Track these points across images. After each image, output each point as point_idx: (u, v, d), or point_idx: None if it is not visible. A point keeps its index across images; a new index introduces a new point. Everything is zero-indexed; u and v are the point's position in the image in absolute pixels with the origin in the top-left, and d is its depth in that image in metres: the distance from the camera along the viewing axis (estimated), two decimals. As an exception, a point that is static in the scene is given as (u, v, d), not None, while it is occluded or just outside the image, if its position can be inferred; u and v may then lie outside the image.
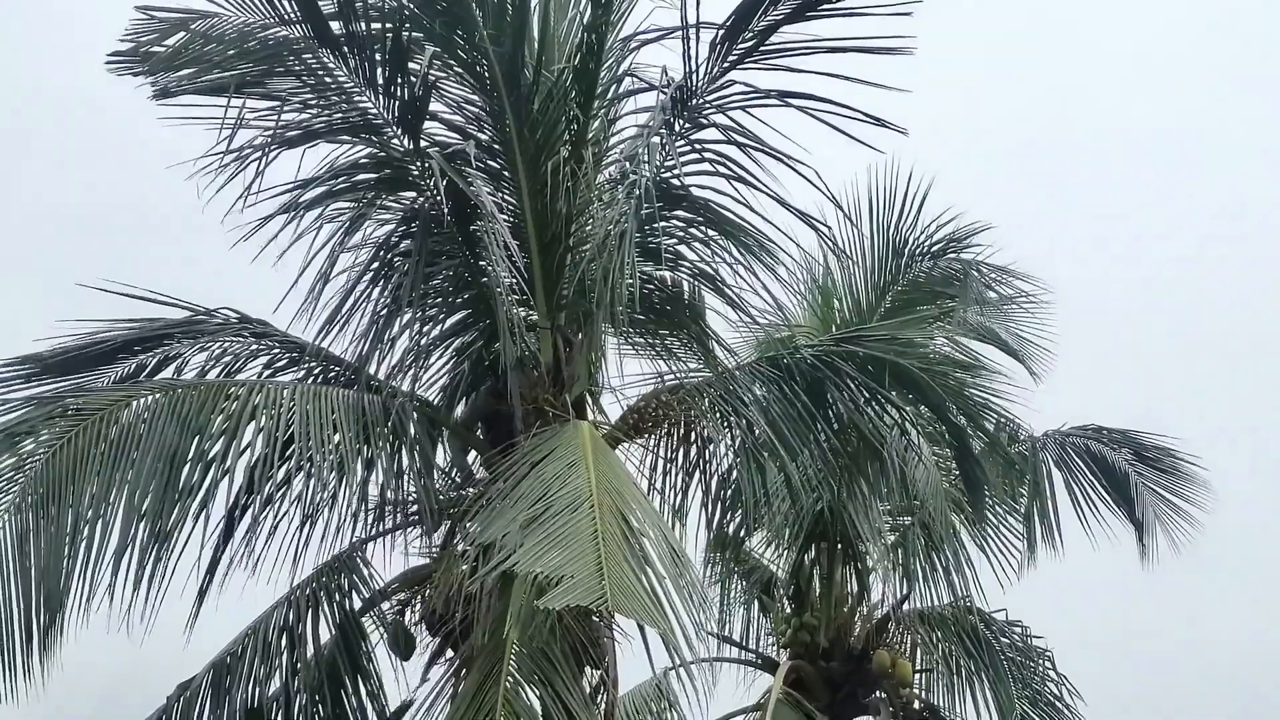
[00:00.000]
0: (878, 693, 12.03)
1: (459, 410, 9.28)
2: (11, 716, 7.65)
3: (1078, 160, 26.33)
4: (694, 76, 8.60)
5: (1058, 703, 12.06)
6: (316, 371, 9.14)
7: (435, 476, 8.88)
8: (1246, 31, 24.64)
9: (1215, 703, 22.06)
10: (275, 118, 8.61)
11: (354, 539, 8.74)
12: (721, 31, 8.40)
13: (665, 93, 8.75)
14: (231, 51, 8.51)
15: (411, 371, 9.04)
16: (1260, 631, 21.91)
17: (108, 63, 8.80)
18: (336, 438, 8.13)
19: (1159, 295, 25.28)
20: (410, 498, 8.71)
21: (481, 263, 8.93)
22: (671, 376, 9.70)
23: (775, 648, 12.67)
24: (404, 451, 8.60)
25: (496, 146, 9.05)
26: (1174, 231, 25.80)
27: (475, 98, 9.04)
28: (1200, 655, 22.80)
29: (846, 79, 8.20)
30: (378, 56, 8.42)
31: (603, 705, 8.53)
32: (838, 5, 8.33)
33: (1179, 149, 26.33)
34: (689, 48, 8.48)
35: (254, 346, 9.13)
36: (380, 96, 8.60)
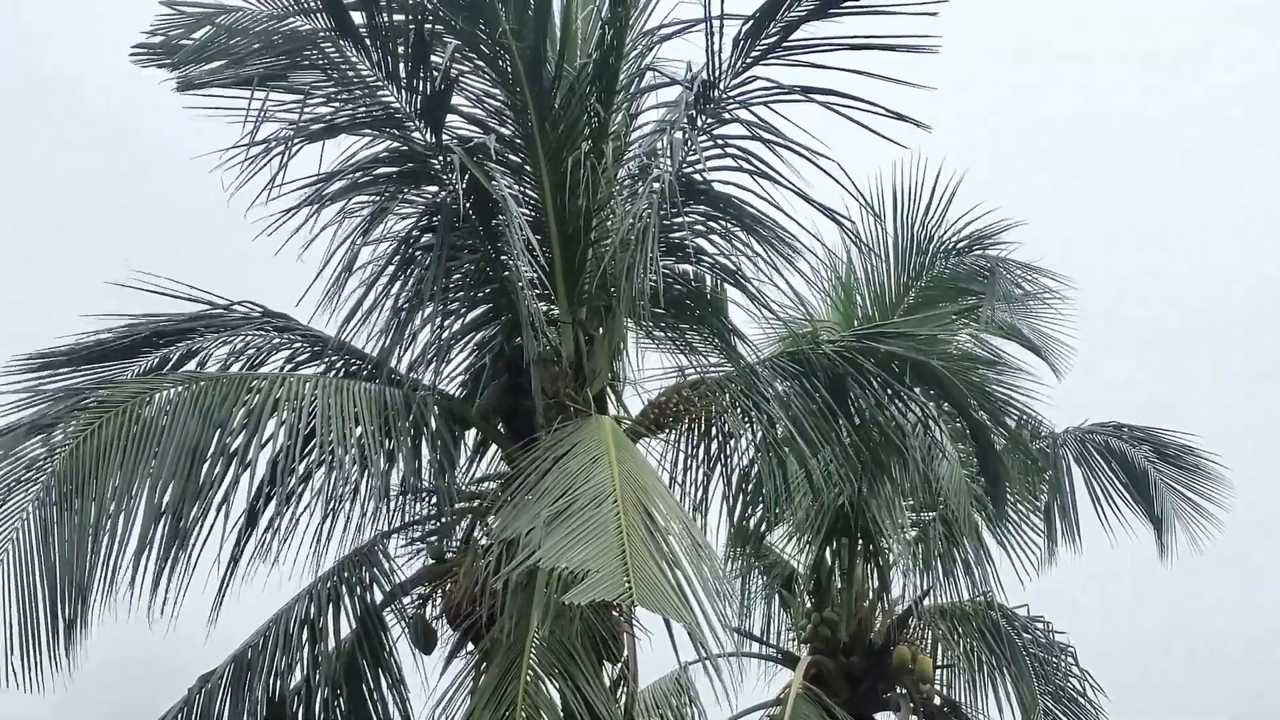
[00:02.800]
0: (898, 688, 12.00)
1: (480, 404, 9.28)
2: (32, 706, 7.70)
3: (1100, 154, 26.29)
4: (716, 71, 8.59)
5: (1080, 699, 12.02)
6: (338, 365, 9.17)
7: (456, 471, 8.90)
8: (1271, 20, 24.53)
9: (1237, 695, 22.07)
10: (298, 111, 8.63)
11: (376, 533, 8.77)
12: (745, 27, 8.39)
13: (687, 87, 8.75)
14: (256, 45, 8.52)
15: (433, 365, 9.05)
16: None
17: (132, 56, 8.82)
18: (358, 431, 8.14)
19: (1182, 289, 25.24)
20: (432, 491, 8.73)
21: (503, 257, 8.93)
22: (692, 371, 9.70)
23: (795, 643, 12.66)
24: (425, 445, 8.61)
25: (518, 141, 9.04)
26: (1197, 225, 25.77)
27: (497, 92, 9.04)
28: (1221, 648, 22.78)
29: (870, 75, 8.19)
30: (400, 50, 8.42)
31: (623, 699, 8.54)
32: (862, 3, 8.32)
33: (1202, 141, 26.28)
34: (712, 42, 8.47)
35: (276, 340, 9.16)
36: (402, 90, 8.61)
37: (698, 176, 9.01)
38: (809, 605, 12.51)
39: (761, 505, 10.31)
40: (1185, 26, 25.68)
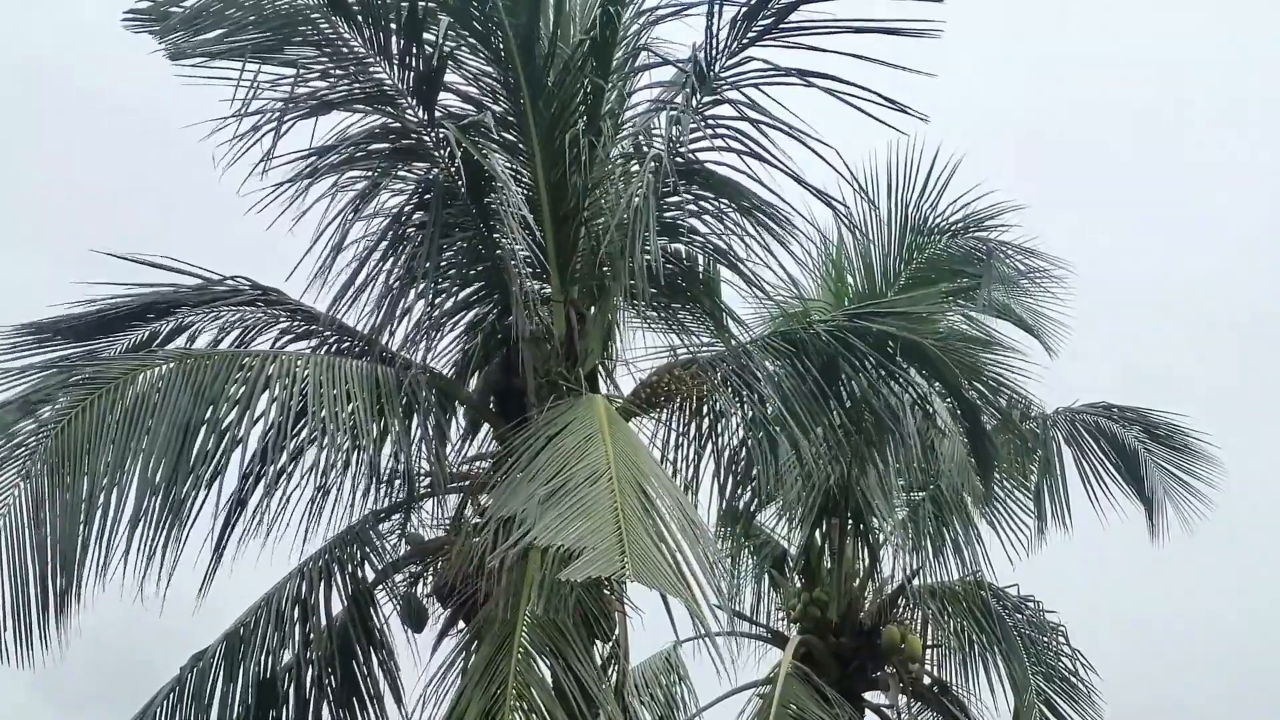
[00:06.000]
0: (888, 668, 12.03)
1: (472, 383, 9.26)
2: (24, 683, 7.68)
3: (1091, 134, 26.32)
4: (713, 52, 8.56)
5: (1072, 677, 12.06)
6: (331, 341, 9.13)
7: (448, 449, 8.89)
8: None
9: (1224, 674, 22.21)
10: (290, 86, 8.57)
11: (367, 510, 8.74)
12: (742, 8, 8.36)
13: (682, 68, 8.72)
14: (248, 17, 8.44)
15: (425, 343, 9.04)
16: (1268, 604, 22.03)
17: (124, 20, 8.73)
18: (350, 408, 8.11)
19: (1175, 271, 25.31)
20: (423, 470, 8.71)
21: (495, 235, 8.91)
22: (684, 350, 9.68)
23: (786, 622, 12.68)
24: (417, 423, 8.59)
25: (511, 119, 9.01)
26: (1190, 208, 25.86)
27: (490, 69, 9.00)
28: (1210, 628, 22.92)
29: (868, 59, 8.14)
30: (393, 26, 8.38)
31: (614, 677, 8.56)
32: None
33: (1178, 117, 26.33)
34: (711, 22, 8.44)
35: (267, 315, 9.11)
36: (395, 67, 8.57)
37: (692, 156, 8.98)
38: (799, 585, 12.53)
39: (752, 485, 10.29)
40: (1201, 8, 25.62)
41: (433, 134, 8.72)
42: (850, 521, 12.20)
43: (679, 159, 8.82)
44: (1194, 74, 25.95)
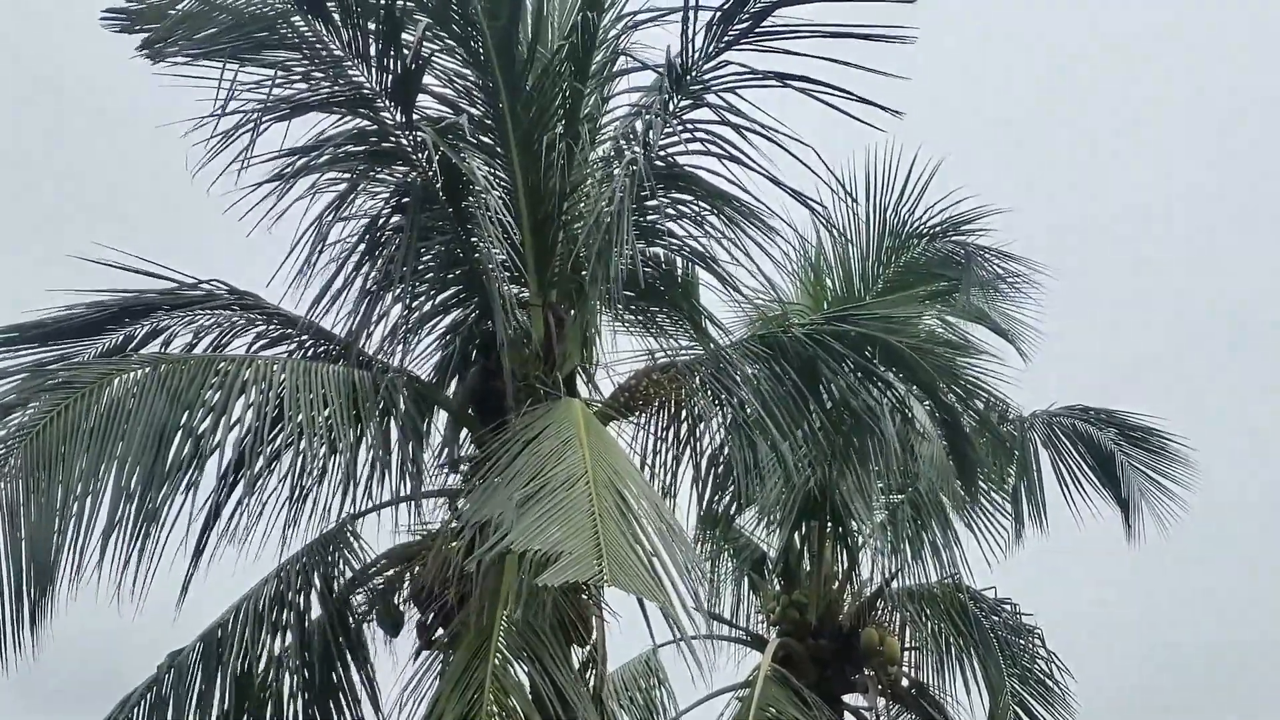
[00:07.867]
0: (866, 670, 12.05)
1: (450, 388, 9.25)
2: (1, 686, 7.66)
3: (1070, 140, 26.43)
4: (689, 56, 8.56)
5: (1048, 680, 12.11)
6: (307, 345, 9.11)
7: (425, 453, 8.86)
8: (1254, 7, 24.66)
9: (1203, 674, 22.33)
10: (268, 88, 8.54)
11: (344, 515, 8.72)
12: (718, 12, 8.37)
13: (660, 72, 8.73)
14: (227, 18, 8.41)
15: (402, 347, 9.01)
16: (1240, 605, 22.17)
17: (102, 19, 8.69)
18: (327, 412, 8.09)
19: (1148, 271, 25.44)
20: (400, 473, 8.69)
21: (473, 239, 8.89)
22: (663, 354, 9.69)
23: (765, 625, 12.70)
24: (394, 428, 8.57)
25: (489, 122, 9.00)
26: (1164, 208, 26.00)
27: (468, 72, 8.99)
28: (1182, 629, 23.03)
29: (844, 64, 8.15)
30: (370, 27, 8.36)
31: (591, 681, 8.55)
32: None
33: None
34: (687, 26, 8.44)
35: (243, 319, 9.09)
36: (372, 69, 8.54)
37: (671, 160, 8.98)
38: (778, 588, 12.55)
39: (731, 488, 10.31)
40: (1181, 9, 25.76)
41: (410, 137, 8.70)
42: (829, 524, 12.23)
43: (657, 162, 8.82)
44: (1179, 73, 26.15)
